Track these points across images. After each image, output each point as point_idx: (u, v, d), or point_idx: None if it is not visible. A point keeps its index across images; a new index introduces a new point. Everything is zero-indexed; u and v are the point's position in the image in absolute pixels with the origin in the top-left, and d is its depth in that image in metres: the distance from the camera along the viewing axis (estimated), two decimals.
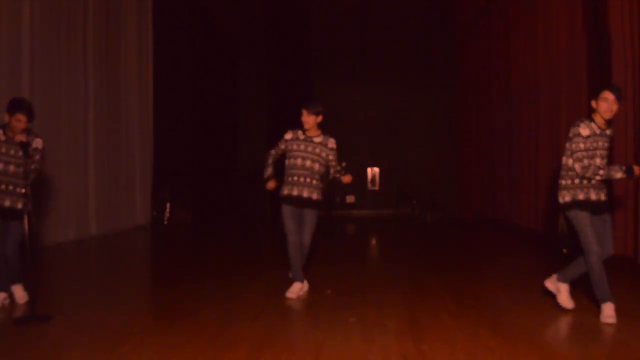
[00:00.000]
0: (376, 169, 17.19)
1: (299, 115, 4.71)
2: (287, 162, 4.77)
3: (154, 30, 11.68)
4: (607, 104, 3.73)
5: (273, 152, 4.89)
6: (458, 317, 3.96)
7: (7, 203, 4.09)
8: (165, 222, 12.04)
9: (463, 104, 14.88)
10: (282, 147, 4.79)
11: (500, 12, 11.15)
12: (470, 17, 13.69)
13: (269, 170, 4.88)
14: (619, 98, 3.73)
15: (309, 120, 4.64)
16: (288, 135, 4.77)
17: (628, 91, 6.00)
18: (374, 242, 9.87)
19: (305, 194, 4.67)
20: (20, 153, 4.00)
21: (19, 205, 4.12)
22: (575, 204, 3.84)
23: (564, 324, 3.75)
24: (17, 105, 4.02)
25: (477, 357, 3.07)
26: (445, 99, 16.04)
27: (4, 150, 4.06)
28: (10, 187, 4.10)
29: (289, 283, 5.01)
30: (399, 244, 9.60)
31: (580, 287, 4.93)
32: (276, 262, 6.94)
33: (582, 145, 3.80)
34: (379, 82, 16.67)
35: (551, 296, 4.32)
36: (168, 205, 12.16)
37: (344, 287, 5.08)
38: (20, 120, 3.99)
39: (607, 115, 3.76)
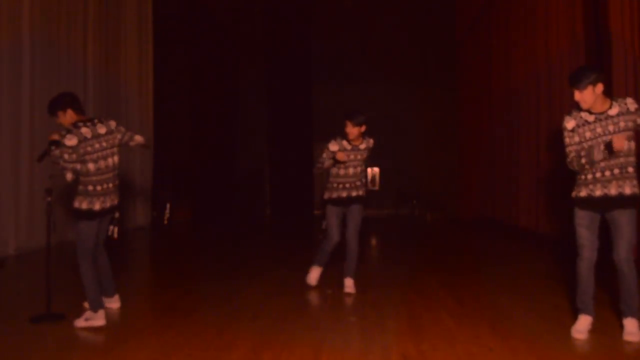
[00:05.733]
0: (376, 169, 17.19)
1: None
2: (334, 170, 4.88)
3: (154, 30, 11.69)
4: (575, 97, 3.48)
5: (321, 165, 4.87)
6: (458, 317, 3.96)
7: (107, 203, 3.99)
8: (165, 222, 12.04)
9: (463, 104, 14.88)
10: (329, 158, 4.80)
11: (500, 12, 11.15)
12: (470, 17, 13.69)
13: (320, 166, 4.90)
14: (581, 87, 3.40)
15: (354, 131, 4.76)
16: (334, 147, 4.77)
17: (629, 91, 6.00)
18: (374, 242, 9.86)
19: (353, 194, 4.90)
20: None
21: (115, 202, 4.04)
22: (575, 201, 3.60)
23: (563, 325, 3.74)
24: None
25: (477, 357, 3.07)
26: (445, 99, 16.05)
27: (89, 149, 3.89)
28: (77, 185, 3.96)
29: (290, 283, 5.01)
30: (399, 244, 9.60)
31: (575, 288, 4.93)
32: (276, 262, 6.93)
33: (567, 140, 3.59)
34: (379, 82, 16.66)
35: (550, 296, 4.33)
36: (168, 205, 12.16)
37: (344, 287, 5.07)
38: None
39: (584, 106, 3.47)
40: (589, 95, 3.42)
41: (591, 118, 3.50)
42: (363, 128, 4.79)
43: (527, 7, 9.43)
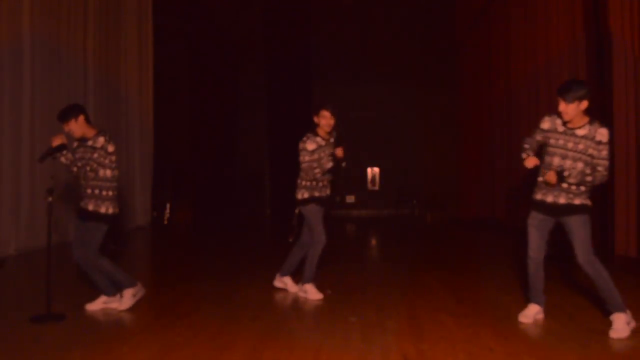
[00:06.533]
0: (376, 169, 17.19)
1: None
2: (309, 168, 4.56)
3: (154, 30, 11.69)
4: (559, 107, 3.58)
5: (311, 164, 4.56)
6: (458, 317, 3.96)
7: (90, 207, 4.11)
8: (165, 222, 12.04)
9: (463, 104, 14.87)
10: (316, 157, 4.59)
11: (500, 12, 11.14)
12: (470, 17, 13.68)
13: (320, 173, 4.60)
14: (568, 100, 3.49)
15: (332, 122, 4.54)
16: (312, 146, 4.54)
17: (629, 91, 6.00)
18: (374, 242, 9.86)
19: (329, 192, 4.79)
20: (95, 155, 4.03)
21: (90, 207, 4.10)
22: (531, 202, 3.83)
23: (564, 325, 3.75)
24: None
25: (477, 357, 3.07)
26: (445, 98, 16.05)
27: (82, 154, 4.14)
28: (97, 191, 4.11)
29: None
30: (399, 244, 9.60)
31: (579, 288, 4.93)
32: (276, 262, 6.93)
33: (533, 134, 3.81)
34: (379, 82, 16.67)
35: (550, 296, 4.32)
36: (168, 205, 12.17)
37: (344, 287, 5.08)
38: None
39: (564, 118, 3.58)
40: (572, 109, 3.54)
41: (561, 129, 3.67)
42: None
43: (527, 7, 9.42)
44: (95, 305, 4.23)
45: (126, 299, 4.21)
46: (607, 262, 3.83)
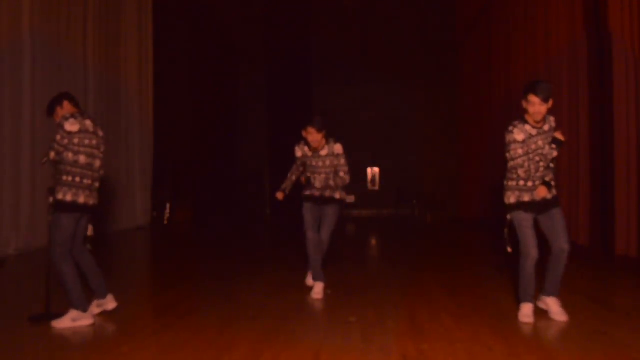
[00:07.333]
0: (376, 169, 17.20)
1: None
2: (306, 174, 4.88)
3: (154, 30, 11.70)
4: (534, 108, 3.63)
5: (295, 168, 4.95)
6: (458, 317, 3.96)
7: (88, 199, 3.87)
8: (165, 222, 12.04)
9: (463, 103, 14.88)
10: (299, 163, 4.87)
11: (500, 12, 11.15)
12: (470, 17, 13.69)
13: (286, 183, 4.93)
14: (545, 99, 3.57)
15: (318, 137, 4.54)
16: (298, 153, 4.79)
17: (629, 91, 6.00)
18: (374, 242, 9.86)
19: (327, 194, 4.79)
20: (56, 134, 3.76)
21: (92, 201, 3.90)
22: (520, 205, 3.87)
23: (564, 324, 3.75)
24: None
25: (477, 357, 3.07)
26: (445, 99, 16.06)
27: (87, 142, 3.85)
28: (57, 176, 3.79)
29: (290, 283, 5.01)
30: (399, 244, 9.60)
31: (575, 288, 4.93)
32: (276, 262, 6.93)
33: (520, 151, 3.81)
34: (379, 82, 16.68)
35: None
36: (168, 205, 12.17)
37: (344, 287, 5.07)
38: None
39: (537, 117, 3.67)
40: (545, 109, 3.66)
41: (534, 132, 3.78)
42: (324, 133, 4.56)
43: (527, 7, 9.43)
44: (92, 309, 4.14)
45: (66, 319, 3.71)
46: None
